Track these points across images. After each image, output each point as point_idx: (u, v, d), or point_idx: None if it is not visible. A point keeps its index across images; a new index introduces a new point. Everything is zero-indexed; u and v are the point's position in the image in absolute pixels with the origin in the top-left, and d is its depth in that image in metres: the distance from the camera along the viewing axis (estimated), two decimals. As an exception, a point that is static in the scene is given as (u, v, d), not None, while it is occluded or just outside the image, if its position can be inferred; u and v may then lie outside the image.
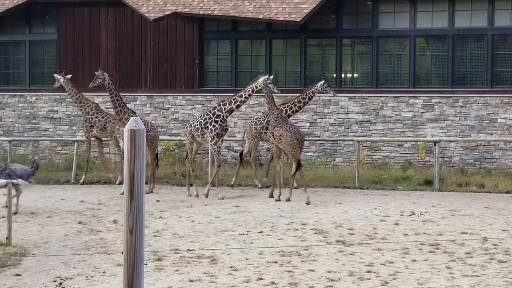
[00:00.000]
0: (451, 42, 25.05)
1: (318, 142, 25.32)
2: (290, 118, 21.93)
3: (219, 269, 11.00)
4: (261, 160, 26.14)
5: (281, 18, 25.34)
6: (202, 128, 20.08)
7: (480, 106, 24.51)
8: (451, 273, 10.66)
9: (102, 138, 23.85)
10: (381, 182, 22.43)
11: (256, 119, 22.59)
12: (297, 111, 22.03)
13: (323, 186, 21.65)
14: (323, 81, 21.64)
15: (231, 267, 11.08)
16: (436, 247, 12.52)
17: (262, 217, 16.10)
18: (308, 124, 26.05)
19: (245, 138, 22.75)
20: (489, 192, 20.88)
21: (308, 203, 18.40)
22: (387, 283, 10.10)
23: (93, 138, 23.56)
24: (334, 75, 26.48)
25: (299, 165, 19.35)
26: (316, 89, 21.54)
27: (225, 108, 20.12)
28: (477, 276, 10.51)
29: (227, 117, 20.29)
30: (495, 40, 24.87)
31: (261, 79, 20.15)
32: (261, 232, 14.26)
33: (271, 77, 21.42)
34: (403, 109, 25.11)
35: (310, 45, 26.98)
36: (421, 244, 12.82)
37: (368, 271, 10.76)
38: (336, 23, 26.34)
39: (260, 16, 25.64)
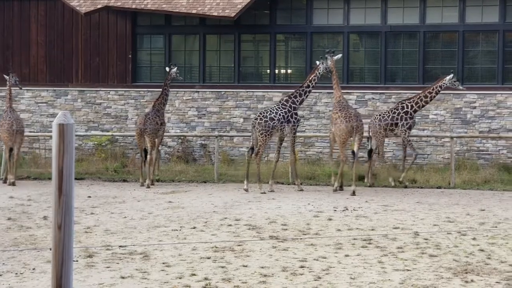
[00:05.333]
0: (384, 39, 25.28)
1: (251, 137, 25.26)
2: (416, 113, 21.88)
3: (151, 265, 10.88)
4: (194, 155, 26.05)
5: (215, 13, 25.24)
6: (285, 122, 20.38)
7: (412, 102, 24.75)
8: (383, 268, 10.72)
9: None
10: (314, 178, 22.51)
11: (380, 115, 21.82)
12: (423, 106, 21.65)
13: (256, 182, 21.61)
14: (451, 75, 21.31)
15: (163, 263, 10.97)
16: (369, 242, 12.59)
17: (195, 213, 16.02)
18: (241, 120, 26.03)
19: (370, 135, 21.90)
20: (421, 188, 21.13)
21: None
22: (320, 278, 10.11)
23: None
24: (268, 70, 26.51)
25: None
26: (444, 83, 21.20)
27: (297, 100, 20.69)
28: (408, 270, 10.59)
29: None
30: (427, 37, 25.17)
31: (322, 67, 20.76)
32: (194, 227, 14.18)
33: (333, 61, 21.22)
34: (336, 105, 25.22)
35: (244, 41, 26.96)
36: (354, 239, 12.88)
37: (301, 267, 10.75)
38: (270, 18, 26.35)
39: (194, 11, 25.51)
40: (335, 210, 16.48)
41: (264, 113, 20.44)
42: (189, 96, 26.25)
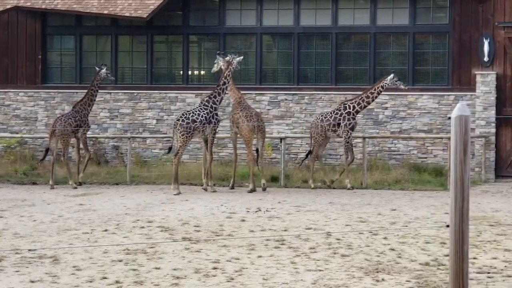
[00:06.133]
0: (297, 40, 25.41)
1: (164, 139, 25.12)
2: (358, 113, 21.74)
3: (61, 269, 10.68)
4: (106, 157, 25.74)
5: (127, 14, 25.01)
6: (207, 123, 20.44)
7: (325, 103, 24.96)
8: (295, 268, 10.74)
9: None
10: (227, 179, 22.47)
11: (322, 115, 21.81)
12: (365, 106, 21.55)
13: (169, 183, 21.46)
14: (392, 75, 21.28)
15: (74, 267, 10.78)
16: (282, 243, 12.60)
17: (107, 215, 15.81)
18: (154, 121, 25.84)
19: (310, 135, 21.85)
20: (334, 188, 21.30)
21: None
22: (232, 279, 10.07)
23: None
24: (181, 72, 26.38)
25: None
26: (386, 83, 21.14)
27: (217, 100, 20.72)
28: (320, 270, 10.63)
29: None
30: (339, 38, 25.40)
31: (235, 61, 21.04)
32: (106, 230, 13.99)
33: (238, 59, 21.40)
34: (249, 106, 25.24)
35: (157, 42, 26.78)
36: (267, 240, 12.88)
37: (214, 268, 10.70)
38: (183, 19, 26.23)
39: (105, 12, 25.23)
40: (248, 211, 16.48)
41: (186, 114, 20.34)
42: (101, 97, 25.91)
